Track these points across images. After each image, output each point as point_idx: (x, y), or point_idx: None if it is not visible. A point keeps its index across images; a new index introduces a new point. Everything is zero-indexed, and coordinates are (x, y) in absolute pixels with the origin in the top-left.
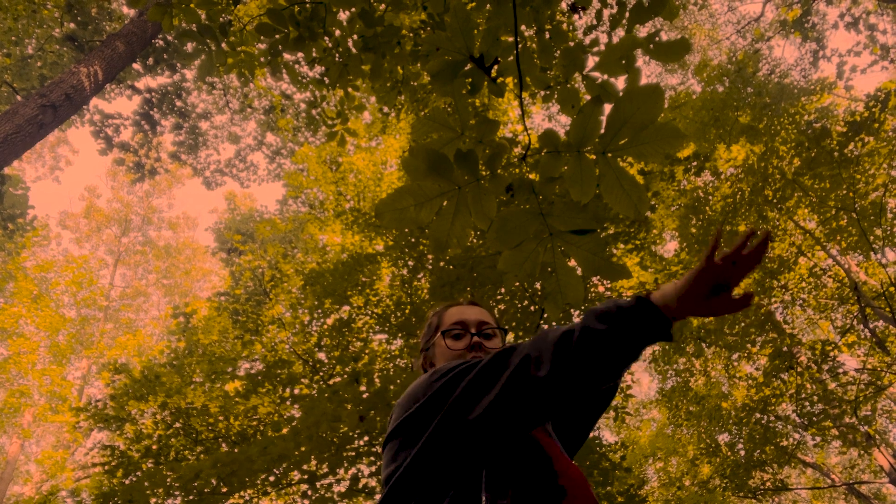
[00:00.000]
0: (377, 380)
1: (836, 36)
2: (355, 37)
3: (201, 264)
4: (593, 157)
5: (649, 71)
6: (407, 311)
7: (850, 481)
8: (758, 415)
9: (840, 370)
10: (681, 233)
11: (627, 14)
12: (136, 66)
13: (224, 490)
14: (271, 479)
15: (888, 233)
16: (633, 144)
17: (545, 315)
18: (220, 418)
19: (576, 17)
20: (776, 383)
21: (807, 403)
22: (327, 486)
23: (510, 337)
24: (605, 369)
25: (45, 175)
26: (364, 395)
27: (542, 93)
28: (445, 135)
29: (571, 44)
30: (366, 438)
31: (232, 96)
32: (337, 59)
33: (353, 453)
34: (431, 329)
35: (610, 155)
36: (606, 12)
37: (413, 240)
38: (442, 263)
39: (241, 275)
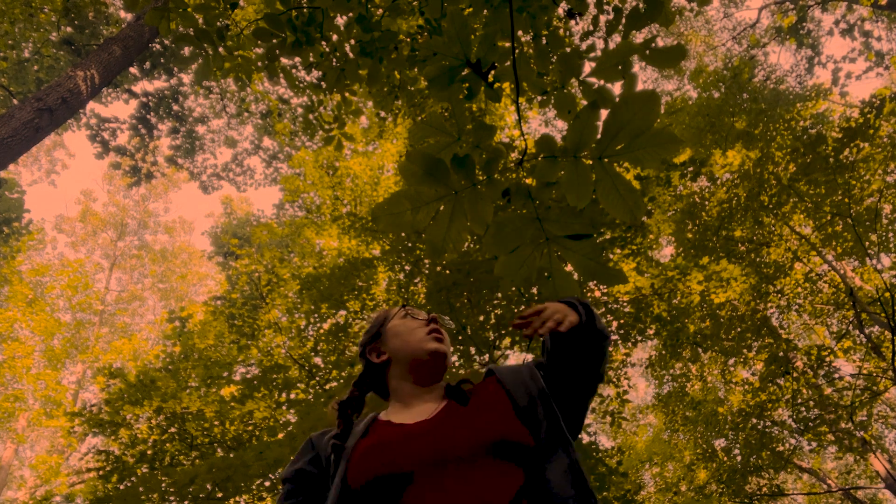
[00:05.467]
0: None
1: (832, 42)
2: (353, 41)
3: (197, 268)
4: (590, 162)
5: (646, 76)
6: None
7: (847, 486)
8: (754, 420)
9: (836, 375)
10: (677, 238)
11: (624, 20)
12: (133, 69)
13: (219, 495)
14: (267, 484)
15: (883, 238)
16: (629, 150)
17: None
18: (216, 423)
19: (572, 22)
20: (772, 388)
21: (803, 409)
22: None
23: (506, 341)
24: None
25: (41, 179)
26: None
27: (539, 98)
28: (442, 139)
29: (568, 49)
30: None
31: (229, 100)
32: (334, 63)
33: None
34: (378, 322)
35: (606, 160)
36: (603, 18)
37: (410, 244)
38: (438, 268)
39: (237, 279)
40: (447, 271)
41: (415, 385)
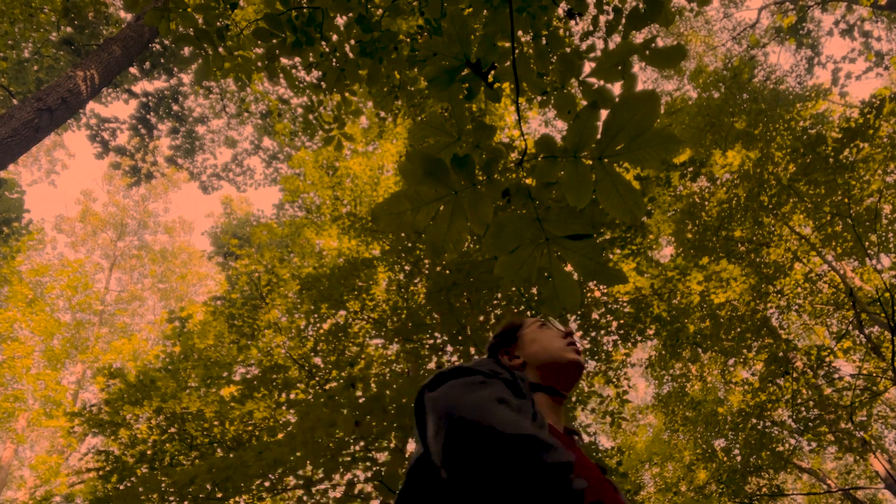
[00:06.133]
0: (373, 385)
1: (831, 43)
2: (352, 42)
3: (197, 268)
4: (589, 162)
5: (645, 77)
6: (403, 315)
7: (846, 487)
8: (754, 420)
9: (836, 375)
10: (677, 238)
11: (624, 20)
12: (133, 70)
13: (219, 495)
14: (266, 484)
15: (883, 238)
16: (629, 150)
17: None
18: (216, 423)
19: (572, 22)
20: (772, 388)
21: (802, 409)
22: (323, 492)
23: None
24: None
25: (40, 179)
26: (360, 401)
27: (539, 98)
28: (442, 140)
29: (568, 49)
30: (361, 444)
31: (229, 101)
32: (334, 63)
33: (349, 459)
34: (513, 328)
35: (606, 160)
36: (603, 18)
37: (409, 244)
38: (438, 268)
39: (237, 279)
40: (447, 271)
41: (547, 395)
